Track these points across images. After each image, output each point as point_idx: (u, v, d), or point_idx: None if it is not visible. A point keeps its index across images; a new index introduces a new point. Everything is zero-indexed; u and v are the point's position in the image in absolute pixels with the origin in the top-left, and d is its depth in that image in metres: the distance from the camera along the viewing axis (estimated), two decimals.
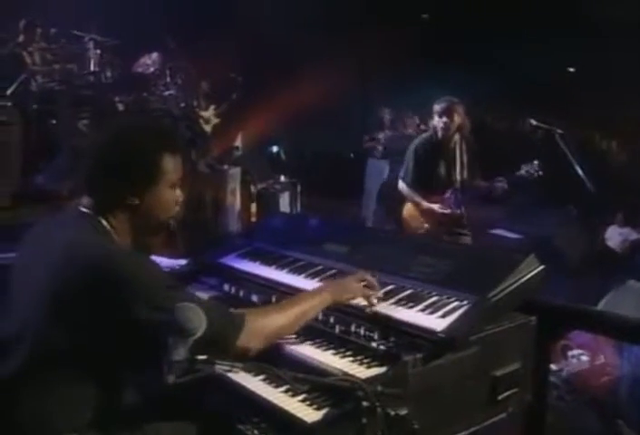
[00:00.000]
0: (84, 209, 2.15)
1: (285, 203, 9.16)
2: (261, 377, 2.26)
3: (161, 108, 8.46)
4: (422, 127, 9.73)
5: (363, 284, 2.48)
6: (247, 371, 2.15)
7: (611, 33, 10.17)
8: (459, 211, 5.59)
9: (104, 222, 2.13)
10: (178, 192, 2.23)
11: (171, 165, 2.18)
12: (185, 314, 1.71)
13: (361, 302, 2.47)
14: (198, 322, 1.71)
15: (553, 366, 3.76)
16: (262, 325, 2.14)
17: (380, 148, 10.53)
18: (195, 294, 2.20)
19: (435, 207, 5.54)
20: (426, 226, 5.60)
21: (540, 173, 5.46)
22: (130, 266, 1.98)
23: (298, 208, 9.31)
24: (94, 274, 1.94)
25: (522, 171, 5.50)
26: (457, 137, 5.59)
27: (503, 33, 11.16)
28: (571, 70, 12.15)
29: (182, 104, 9.04)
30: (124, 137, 2.17)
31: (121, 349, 2.01)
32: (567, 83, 11.33)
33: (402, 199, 5.87)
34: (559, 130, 5.14)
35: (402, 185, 5.77)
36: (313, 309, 2.33)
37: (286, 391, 2.16)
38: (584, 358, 4.05)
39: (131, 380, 2.14)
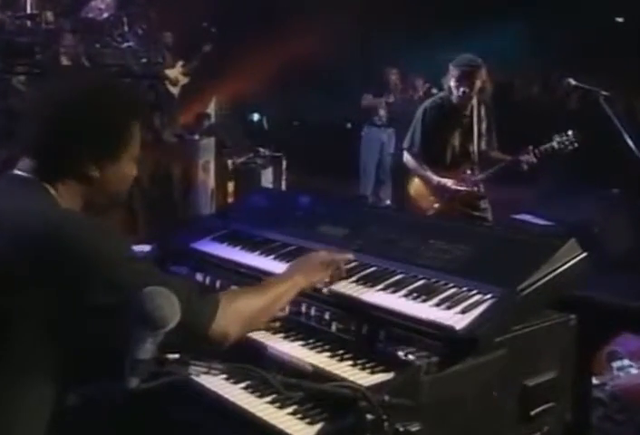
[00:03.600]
0: (23, 173, 2.12)
1: (267, 180, 9.15)
2: (242, 384, 2.25)
3: (118, 63, 8.39)
4: (434, 91, 9.71)
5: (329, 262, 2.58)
6: (228, 373, 2.13)
7: None
8: (476, 189, 5.61)
9: (51, 189, 2.11)
10: (135, 166, 2.27)
11: (139, 135, 2.23)
12: (155, 301, 1.68)
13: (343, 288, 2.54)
14: (171, 310, 1.68)
15: (595, 379, 3.75)
16: (239, 308, 2.20)
17: (382, 112, 10.41)
18: (159, 270, 2.17)
19: (449, 182, 5.55)
20: (436, 205, 5.61)
21: (576, 145, 5.46)
22: (84, 235, 1.97)
23: (283, 187, 9.31)
24: (37, 246, 1.92)
25: (554, 143, 5.49)
26: (474, 101, 5.60)
27: None
28: (619, 20, 12.05)
29: (143, 60, 8.98)
30: (95, 96, 2.16)
31: (69, 340, 1.98)
32: (613, 37, 11.25)
33: (407, 174, 5.88)
34: (604, 92, 5.10)
35: (407, 157, 5.77)
36: (287, 293, 2.42)
37: (272, 402, 2.15)
38: (633, 371, 4.01)
39: (82, 382, 2.12)
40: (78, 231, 1.97)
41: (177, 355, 1.75)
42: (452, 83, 5.52)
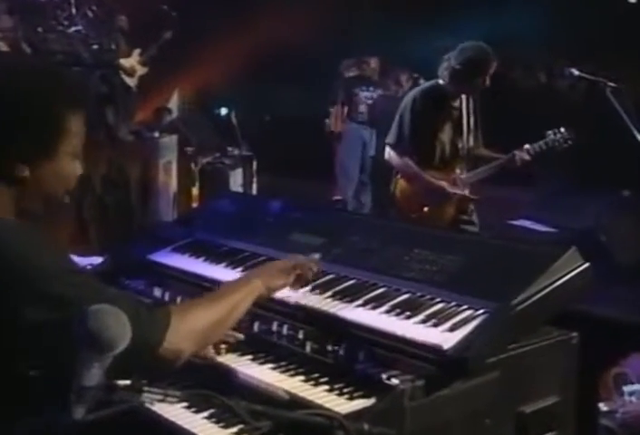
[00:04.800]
0: None
1: (236, 183, 9.16)
2: (205, 413, 2.25)
3: (65, 50, 8.33)
4: (421, 81, 9.74)
5: (296, 268, 2.57)
6: (186, 400, 2.13)
7: None
8: (466, 192, 5.65)
9: None
10: (77, 164, 2.22)
11: (78, 127, 2.17)
12: (102, 321, 1.67)
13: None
14: (121, 331, 1.67)
15: (603, 406, 3.76)
16: (192, 321, 2.18)
17: (363, 108, 10.41)
18: (104, 284, 2.15)
19: (444, 184, 5.56)
20: (426, 209, 5.62)
21: (570, 142, 5.56)
22: (14, 243, 1.95)
23: (254, 190, 9.31)
24: None
25: (547, 140, 5.59)
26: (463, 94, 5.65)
27: None
28: (632, 1, 12.05)
29: (94, 46, 8.92)
30: (18, 83, 2.10)
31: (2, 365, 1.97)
32: (623, 19, 11.25)
33: (391, 174, 5.89)
34: (611, 83, 5.14)
35: (390, 154, 5.73)
36: (245, 300, 2.39)
37: (238, 433, 2.15)
38: None
39: (20, 415, 2.10)
40: (8, 239, 1.95)
41: (128, 381, 1.74)
42: (456, 66, 5.46)
